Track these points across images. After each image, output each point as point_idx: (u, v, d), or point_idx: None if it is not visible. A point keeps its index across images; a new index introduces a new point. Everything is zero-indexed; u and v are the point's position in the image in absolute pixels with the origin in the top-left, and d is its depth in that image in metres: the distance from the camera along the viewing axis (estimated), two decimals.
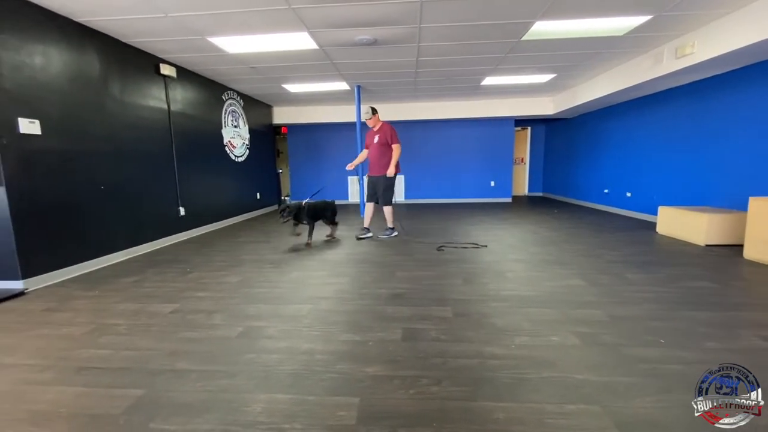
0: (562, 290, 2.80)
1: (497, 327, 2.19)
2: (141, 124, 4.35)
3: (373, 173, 4.80)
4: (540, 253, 3.93)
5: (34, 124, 3.09)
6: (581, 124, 8.14)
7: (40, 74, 3.17)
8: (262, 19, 3.51)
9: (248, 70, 5.29)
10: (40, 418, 1.46)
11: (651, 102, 5.84)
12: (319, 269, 3.48)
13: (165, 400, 1.56)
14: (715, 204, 4.67)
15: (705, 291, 2.75)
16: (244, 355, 1.92)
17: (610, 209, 7.01)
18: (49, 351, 2.00)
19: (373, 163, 4.77)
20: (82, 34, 3.56)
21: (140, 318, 2.42)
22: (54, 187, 3.28)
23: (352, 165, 4.81)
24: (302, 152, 9.23)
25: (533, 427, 1.36)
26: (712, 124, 4.74)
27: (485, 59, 4.96)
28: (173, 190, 4.92)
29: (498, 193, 9.14)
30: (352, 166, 4.80)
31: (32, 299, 2.83)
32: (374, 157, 4.77)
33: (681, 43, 4.18)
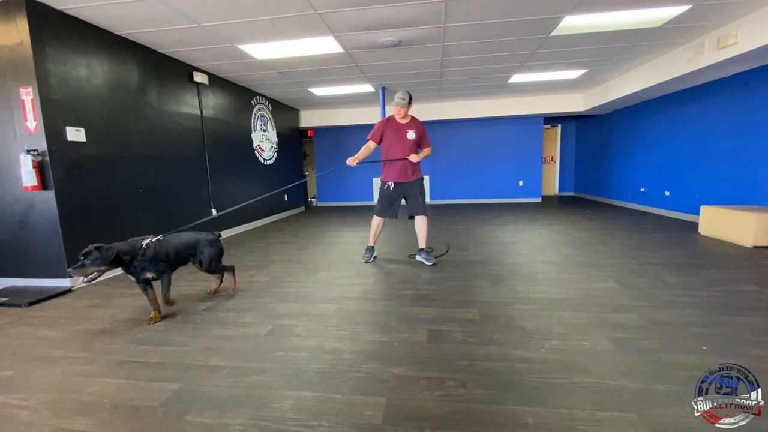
0: (596, 293, 2.70)
1: (526, 330, 2.15)
2: (176, 129, 4.54)
3: (401, 178, 3.66)
4: (572, 255, 3.80)
5: (80, 132, 3.29)
6: (615, 121, 7.82)
7: (84, 85, 3.38)
8: (289, 24, 3.59)
9: (276, 75, 5.42)
10: (85, 408, 1.55)
11: (690, 96, 5.54)
12: (345, 270, 3.52)
13: (199, 394, 1.62)
14: (762, 203, 4.37)
15: (751, 295, 2.58)
16: (274, 352, 1.97)
17: (647, 209, 6.70)
18: (93, 345, 2.13)
19: (402, 164, 3.65)
20: (121, 46, 3.77)
21: (176, 315, 2.53)
22: (97, 191, 3.48)
23: (355, 160, 3.64)
24: (328, 154, 9.36)
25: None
26: (758, 117, 4.44)
27: (512, 56, 4.86)
28: (206, 192, 5.11)
29: (527, 193, 8.92)
30: (354, 161, 3.64)
31: (78, 296, 3.01)
32: (405, 157, 3.63)
33: (723, 32, 3.94)
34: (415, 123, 3.69)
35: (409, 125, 3.66)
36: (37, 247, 3.18)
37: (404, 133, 3.63)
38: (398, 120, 3.67)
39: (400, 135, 3.64)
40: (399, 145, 3.64)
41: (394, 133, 3.65)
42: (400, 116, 3.64)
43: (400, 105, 3.54)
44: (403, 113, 3.62)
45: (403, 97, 3.53)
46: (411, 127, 3.65)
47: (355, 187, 9.40)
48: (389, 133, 3.68)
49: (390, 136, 3.67)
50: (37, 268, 3.21)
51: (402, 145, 3.64)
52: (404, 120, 3.67)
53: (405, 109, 3.58)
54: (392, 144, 3.66)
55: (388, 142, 3.68)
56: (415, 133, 3.63)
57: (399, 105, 3.54)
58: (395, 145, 3.65)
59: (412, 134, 3.62)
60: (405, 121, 3.67)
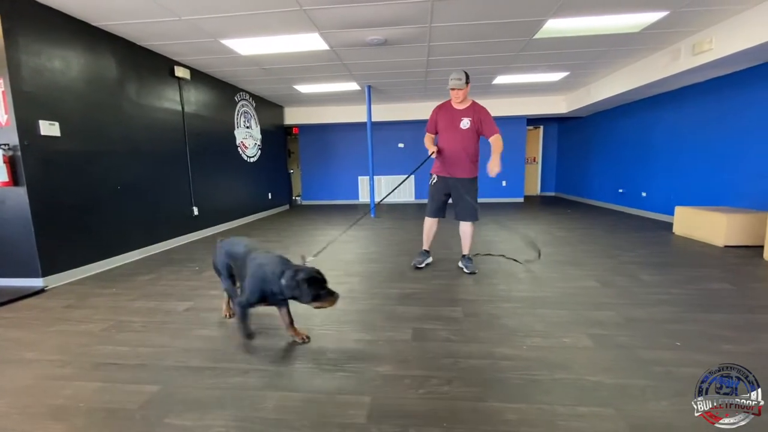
0: (576, 291, 2.77)
1: (509, 328, 2.18)
2: (156, 125, 4.43)
3: (454, 173, 3.20)
4: (553, 254, 3.88)
5: (54, 126, 3.17)
6: (595, 123, 8.01)
7: (60, 77, 3.26)
8: (274, 20, 3.54)
9: (260, 71, 5.34)
10: (59, 412, 1.50)
11: (667, 100, 5.72)
12: (331, 269, 3.49)
13: (180, 396, 1.59)
14: (734, 204, 4.55)
15: (723, 293, 2.69)
16: (257, 353, 1.95)
17: (625, 209, 6.89)
18: (68, 347, 2.06)
19: (453, 157, 3.16)
20: (99, 37, 3.64)
21: (156, 315, 2.47)
22: (73, 188, 3.37)
23: (432, 151, 3.15)
24: (313, 152, 9.29)
25: (544, 429, 1.35)
26: (731, 121, 4.62)
27: (497, 58, 4.92)
28: (187, 190, 5.00)
29: (510, 192, 9.05)
30: (432, 152, 3.15)
31: (52, 296, 2.91)
32: (457, 150, 3.15)
33: (699, 39, 4.08)
34: (474, 108, 3.13)
35: (465, 112, 3.13)
36: (8, 246, 3.05)
37: (458, 121, 3.12)
38: (454, 105, 3.17)
39: (453, 123, 3.14)
40: (451, 135, 3.15)
41: (446, 120, 3.18)
42: (458, 100, 3.12)
43: (457, 87, 3.01)
44: (461, 97, 3.09)
45: (460, 77, 2.99)
46: (467, 113, 3.12)
47: (341, 186, 9.36)
48: (441, 121, 3.21)
49: (442, 124, 3.21)
50: (9, 268, 3.08)
51: (455, 135, 3.13)
52: (461, 105, 3.15)
53: (463, 91, 3.05)
54: (444, 133, 3.20)
55: (440, 131, 3.24)
56: (471, 121, 3.10)
57: (456, 87, 3.02)
58: (447, 134, 3.18)
59: (466, 122, 3.10)
60: (462, 106, 3.15)
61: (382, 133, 8.56)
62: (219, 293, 2.86)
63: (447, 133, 3.19)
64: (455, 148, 3.15)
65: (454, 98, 3.13)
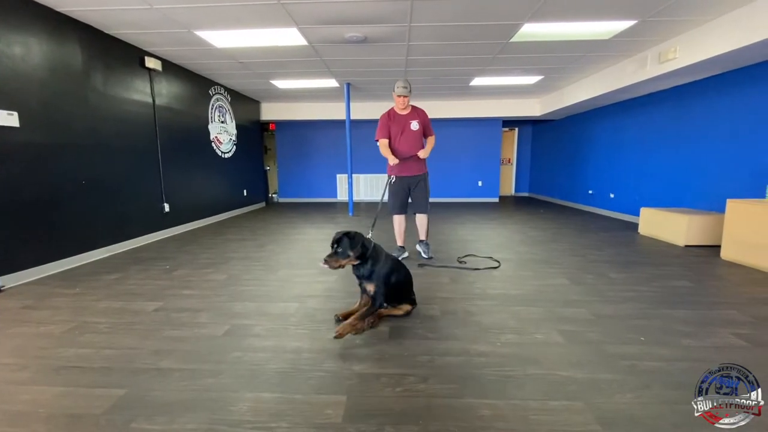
0: (548, 289, 2.85)
1: (483, 325, 2.22)
2: (125, 117, 4.25)
3: (409, 172, 3.56)
4: (526, 253, 3.98)
5: (12, 116, 2.99)
6: (567, 126, 8.27)
7: (19, 65, 3.07)
8: (251, 13, 3.46)
9: (236, 65, 5.21)
10: (17, 419, 1.42)
11: (635, 105, 5.97)
12: (307, 267, 3.46)
13: (148, 399, 1.53)
14: (694, 205, 4.80)
15: (683, 290, 2.83)
16: (231, 353, 1.90)
17: (595, 210, 7.15)
18: (26, 350, 1.95)
19: (407, 158, 3.52)
20: (63, 24, 3.46)
21: (123, 316, 2.37)
22: (33, 181, 3.18)
23: (393, 160, 3.42)
24: (290, 149, 9.15)
25: (517, 424, 1.38)
26: (692, 127, 4.87)
27: (474, 60, 4.99)
28: (157, 186, 4.82)
29: (485, 192, 9.23)
30: (393, 161, 3.43)
31: (9, 296, 2.74)
32: (409, 151, 3.51)
33: (664, 48, 4.28)
34: (417, 112, 3.54)
35: (410, 115, 3.51)
36: None
37: (408, 125, 3.49)
38: (399, 111, 3.52)
39: (404, 127, 3.50)
40: (404, 138, 3.51)
41: (397, 126, 3.50)
42: (402, 107, 3.49)
43: (403, 95, 3.38)
44: (405, 104, 3.46)
45: (405, 86, 3.36)
46: (413, 117, 3.51)
47: (319, 183, 9.28)
48: (393, 127, 3.52)
49: (394, 130, 3.51)
50: None
51: (407, 138, 3.50)
52: (405, 111, 3.52)
53: (408, 98, 3.45)
54: (397, 138, 3.52)
55: (392, 136, 3.53)
56: (419, 123, 3.50)
57: (402, 95, 3.38)
58: (400, 138, 3.51)
59: (416, 124, 3.49)
60: (406, 112, 3.53)
61: (361, 131, 8.52)
62: (191, 293, 2.78)
63: (400, 136, 3.53)
64: (409, 149, 3.52)
65: (400, 104, 3.48)
